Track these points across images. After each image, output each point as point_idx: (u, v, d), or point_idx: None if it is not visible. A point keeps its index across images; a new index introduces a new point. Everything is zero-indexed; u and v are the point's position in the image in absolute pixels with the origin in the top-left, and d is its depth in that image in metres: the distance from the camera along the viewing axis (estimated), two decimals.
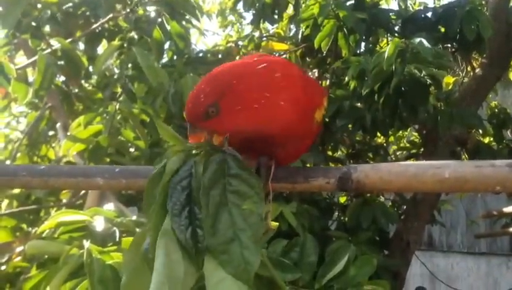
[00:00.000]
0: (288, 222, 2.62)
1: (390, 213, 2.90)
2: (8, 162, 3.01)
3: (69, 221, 1.75)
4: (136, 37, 2.31)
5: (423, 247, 6.75)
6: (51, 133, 3.27)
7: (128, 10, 2.29)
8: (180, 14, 2.14)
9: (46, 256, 1.68)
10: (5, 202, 2.84)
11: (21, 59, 3.12)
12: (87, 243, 1.45)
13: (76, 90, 3.17)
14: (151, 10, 2.15)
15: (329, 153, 3.47)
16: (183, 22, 2.32)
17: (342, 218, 3.26)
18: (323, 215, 2.97)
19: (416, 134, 3.85)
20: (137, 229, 1.77)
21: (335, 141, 3.35)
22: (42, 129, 3.19)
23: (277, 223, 1.80)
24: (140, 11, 2.22)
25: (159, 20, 2.16)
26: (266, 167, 1.04)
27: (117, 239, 1.71)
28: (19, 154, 3.07)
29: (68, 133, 2.51)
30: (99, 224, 1.77)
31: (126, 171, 1.10)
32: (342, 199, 3.69)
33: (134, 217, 1.86)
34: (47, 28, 2.46)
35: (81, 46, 2.99)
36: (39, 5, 2.34)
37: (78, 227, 1.76)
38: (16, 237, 2.76)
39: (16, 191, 2.81)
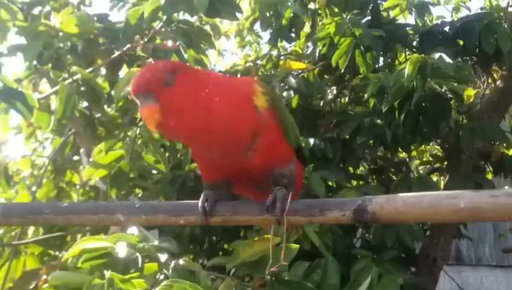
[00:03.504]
0: (311, 241, 2.61)
1: (414, 231, 2.87)
2: (34, 188, 3.06)
3: (92, 248, 1.76)
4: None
5: (451, 261, 6.63)
6: (75, 158, 3.31)
7: (146, 40, 2.33)
8: (196, 42, 2.17)
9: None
10: (31, 229, 2.88)
11: (46, 86, 3.19)
12: (107, 273, 1.47)
13: (99, 116, 3.21)
14: (168, 39, 2.19)
15: (351, 169, 3.45)
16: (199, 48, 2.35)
17: (367, 235, 3.23)
18: (347, 234, 2.94)
19: (438, 147, 3.81)
20: (159, 254, 1.80)
21: (356, 158, 3.34)
22: (67, 155, 3.24)
23: (297, 246, 1.81)
24: (158, 41, 2.26)
25: (176, 48, 2.19)
26: (282, 200, 1.06)
27: (139, 265, 1.73)
28: (44, 181, 3.12)
29: (90, 159, 2.55)
30: (121, 250, 1.78)
31: (146, 207, 1.12)
32: None
33: (156, 242, 1.88)
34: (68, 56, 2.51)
35: (103, 70, 3.05)
36: (60, 33, 2.38)
37: (101, 254, 1.78)
38: (43, 263, 2.80)
39: None
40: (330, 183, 2.98)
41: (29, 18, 3.05)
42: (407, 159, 3.89)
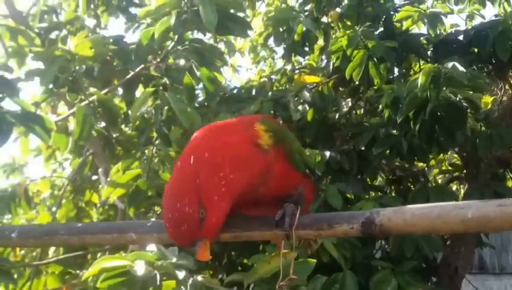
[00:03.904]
0: (330, 253, 2.60)
1: (434, 240, 2.83)
2: (54, 208, 3.10)
3: (111, 267, 1.78)
4: (168, 82, 2.38)
5: (474, 270, 6.53)
6: (94, 178, 3.36)
7: (159, 60, 2.37)
8: (209, 60, 2.20)
9: None
10: (52, 249, 2.92)
11: (63, 108, 3.25)
12: None
13: (117, 135, 3.26)
14: (181, 58, 2.22)
15: (368, 181, 3.44)
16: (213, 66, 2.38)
17: (386, 246, 3.21)
18: (366, 245, 2.93)
19: (457, 156, 3.77)
20: (177, 272, 1.81)
21: (373, 169, 3.32)
22: (85, 175, 3.29)
23: (314, 260, 1.80)
24: (171, 60, 2.30)
25: (189, 67, 2.23)
26: (291, 215, 1.07)
27: (157, 283, 1.74)
28: (64, 201, 3.17)
29: (108, 179, 2.59)
30: (139, 268, 1.79)
31: (157, 225, 1.14)
32: None
33: (174, 259, 1.89)
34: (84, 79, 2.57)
35: (120, 91, 3.10)
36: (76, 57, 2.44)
37: (120, 272, 1.79)
38: (64, 282, 2.83)
39: None
40: (348, 195, 2.98)
41: (46, 42, 3.12)
42: (426, 168, 3.86)
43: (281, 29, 3.33)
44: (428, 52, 3.34)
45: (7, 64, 2.06)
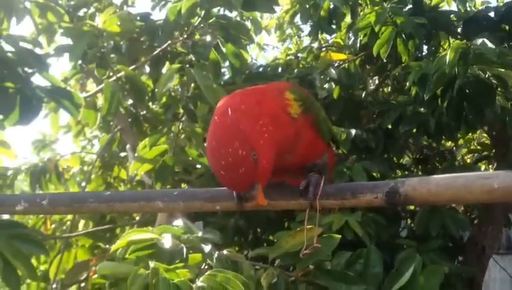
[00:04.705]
0: (354, 231, 2.60)
1: (460, 220, 2.82)
2: (83, 183, 3.17)
3: (139, 239, 1.82)
4: (194, 59, 2.40)
5: (502, 251, 6.46)
6: (122, 154, 3.42)
7: (185, 36, 2.38)
8: (235, 37, 2.21)
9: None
10: (82, 222, 2.99)
11: (92, 86, 3.30)
12: (152, 263, 1.51)
13: (144, 112, 3.30)
14: (207, 35, 2.23)
15: (395, 160, 3.41)
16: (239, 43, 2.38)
17: (412, 225, 3.19)
18: (391, 223, 2.92)
19: (486, 135, 3.72)
20: (203, 245, 1.84)
21: (400, 148, 3.30)
22: (114, 151, 3.34)
23: (339, 236, 1.81)
24: (197, 36, 2.31)
25: (215, 43, 2.23)
26: (315, 184, 1.08)
27: (184, 256, 1.77)
28: (93, 176, 3.23)
29: (136, 155, 2.63)
30: (167, 241, 1.83)
31: (184, 194, 1.16)
32: (412, 206, 3.62)
33: (200, 233, 1.92)
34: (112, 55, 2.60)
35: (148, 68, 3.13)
36: (104, 33, 2.46)
37: (147, 245, 1.83)
38: (93, 255, 2.91)
39: None
40: (374, 173, 2.97)
41: (74, 20, 3.16)
42: (454, 148, 3.82)
43: (307, 6, 3.30)
44: (458, 30, 3.29)
45: (37, 40, 2.09)
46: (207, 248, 1.82)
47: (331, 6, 3.26)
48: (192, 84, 2.65)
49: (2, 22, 2.37)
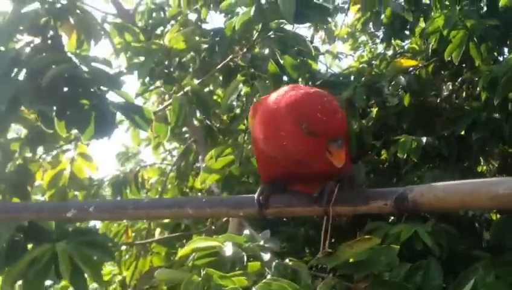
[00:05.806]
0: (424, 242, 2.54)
1: None
2: (158, 195, 3.32)
3: (203, 247, 1.89)
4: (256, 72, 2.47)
5: None
6: (198, 165, 3.55)
7: (245, 50, 2.47)
8: (291, 48, 2.26)
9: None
10: (158, 230, 3.14)
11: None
12: (203, 271, 1.57)
13: (218, 125, 3.42)
14: (265, 48, 2.30)
15: (472, 168, 3.28)
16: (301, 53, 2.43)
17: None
18: (465, 234, 2.81)
19: None
20: (262, 253, 1.89)
21: (475, 155, 3.17)
22: (189, 162, 3.48)
23: (397, 247, 1.80)
24: (256, 50, 2.38)
25: (272, 55, 2.29)
26: (329, 191, 1.10)
27: (244, 264, 1.83)
28: (169, 186, 3.38)
29: (203, 165, 2.74)
30: (228, 249, 1.89)
31: (211, 201, 1.23)
32: (494, 216, 3.45)
33: (261, 242, 1.97)
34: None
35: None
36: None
37: (211, 252, 1.90)
38: (169, 261, 3.04)
39: (166, 221, 3.09)
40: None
41: (152, 38, 3.35)
42: None
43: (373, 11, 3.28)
44: None
45: (108, 60, 2.25)
46: (266, 256, 1.86)
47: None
48: (258, 95, 2.73)
49: (82, 44, 2.56)
